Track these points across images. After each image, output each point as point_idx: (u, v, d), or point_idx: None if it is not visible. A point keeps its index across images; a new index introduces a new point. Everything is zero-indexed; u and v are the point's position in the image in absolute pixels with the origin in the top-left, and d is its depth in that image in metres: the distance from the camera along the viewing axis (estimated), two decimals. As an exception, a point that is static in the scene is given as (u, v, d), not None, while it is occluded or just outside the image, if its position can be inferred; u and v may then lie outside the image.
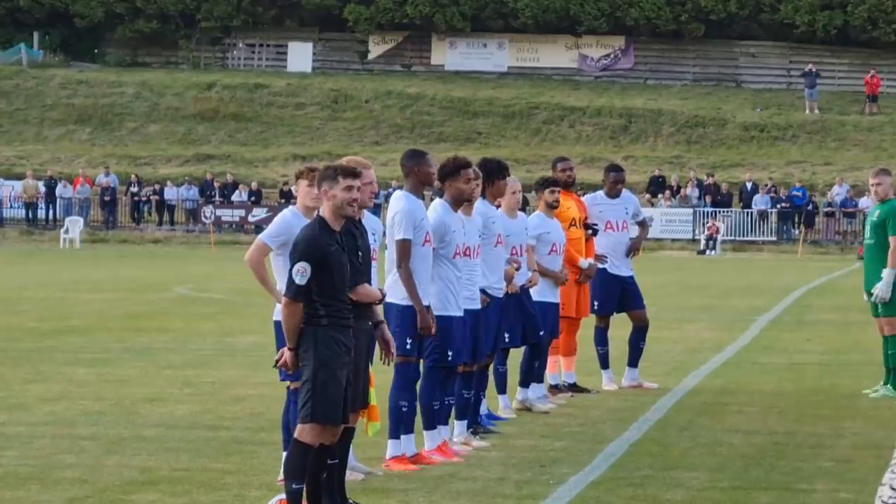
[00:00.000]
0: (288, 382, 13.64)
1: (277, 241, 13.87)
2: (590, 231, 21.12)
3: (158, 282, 43.22)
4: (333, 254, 12.55)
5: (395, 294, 15.23)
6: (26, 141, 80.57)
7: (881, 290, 20.13)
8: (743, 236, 70.94)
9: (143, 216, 74.41)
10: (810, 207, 71.16)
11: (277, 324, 14.04)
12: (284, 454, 12.85)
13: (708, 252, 67.12)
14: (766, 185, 73.21)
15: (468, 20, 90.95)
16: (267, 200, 72.50)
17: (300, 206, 13.89)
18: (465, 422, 16.86)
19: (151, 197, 74.19)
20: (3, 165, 76.31)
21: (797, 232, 70.61)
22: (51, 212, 72.46)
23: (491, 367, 18.51)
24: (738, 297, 39.27)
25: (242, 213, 72.81)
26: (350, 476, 13.89)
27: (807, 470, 15.58)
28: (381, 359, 13.84)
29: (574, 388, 21.03)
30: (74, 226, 67.17)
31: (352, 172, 12.83)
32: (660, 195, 71.55)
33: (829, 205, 71.80)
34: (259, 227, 68.05)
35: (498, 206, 18.01)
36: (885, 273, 19.98)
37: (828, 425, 18.57)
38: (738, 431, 17.90)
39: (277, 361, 12.77)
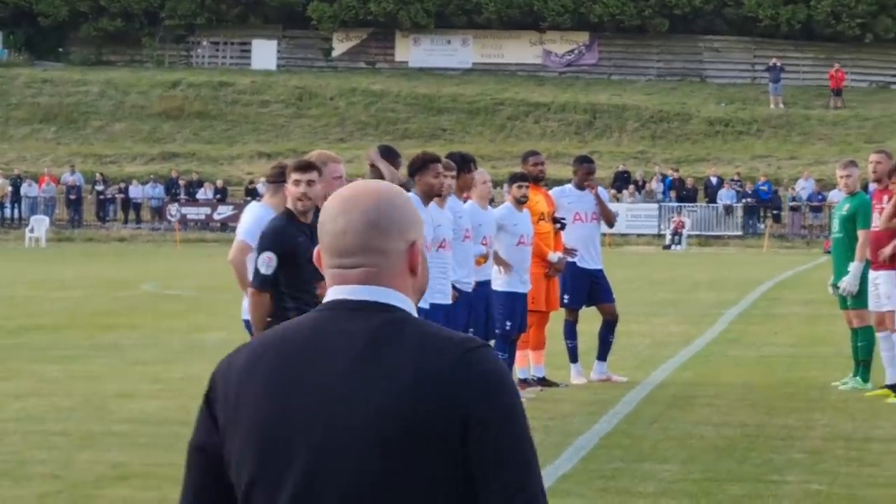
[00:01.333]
0: None
1: (256, 236, 13.87)
2: (558, 225, 21.12)
3: (125, 279, 43.14)
4: (301, 245, 12.57)
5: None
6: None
7: (848, 283, 20.15)
8: (708, 231, 71.10)
9: (108, 214, 74.26)
10: (776, 202, 71.60)
11: (247, 322, 14.05)
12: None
13: (673, 247, 67.27)
14: (732, 180, 73.40)
15: (432, 17, 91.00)
16: (232, 198, 72.39)
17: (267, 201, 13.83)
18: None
19: (117, 195, 74.10)
20: (-29, 165, 76.28)
21: (763, 226, 70.76)
22: (16, 211, 72.36)
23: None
24: (704, 291, 39.37)
25: (208, 210, 72.74)
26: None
27: (778, 461, 15.60)
28: None
29: (543, 381, 21.04)
30: (40, 224, 67.00)
31: (300, 167, 12.88)
32: (625, 190, 71.65)
33: (795, 199, 72.03)
34: (224, 225, 68.45)
35: (466, 200, 18.03)
36: (853, 266, 20.00)
37: (798, 417, 18.59)
38: (708, 424, 17.92)
39: None
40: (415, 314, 4.03)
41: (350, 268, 4.01)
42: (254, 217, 14.34)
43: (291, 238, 12.58)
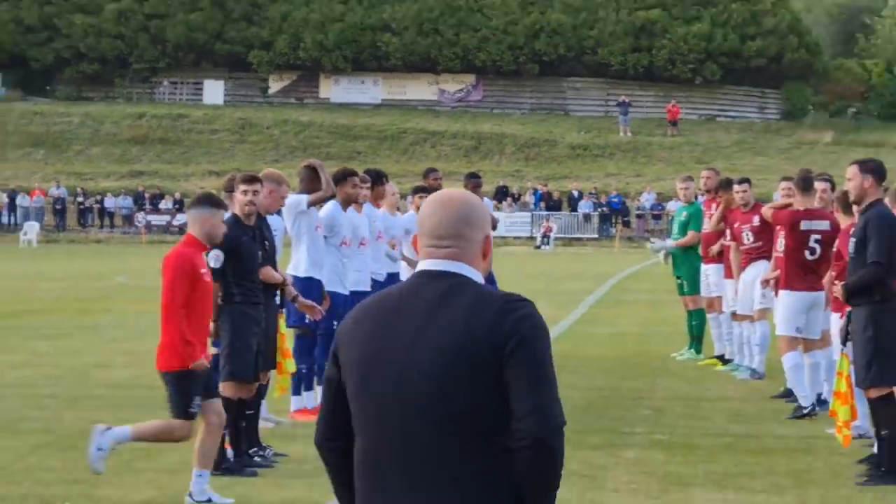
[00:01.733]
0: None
1: None
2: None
3: (101, 273, 42.85)
4: (245, 243, 12.65)
5: (297, 268, 15.29)
6: (-10, 161, 79.87)
7: (659, 245, 20.58)
8: (571, 234, 71.18)
9: (87, 221, 73.61)
10: (625, 210, 71.97)
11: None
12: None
13: (543, 247, 67.34)
14: (590, 193, 73.64)
15: (349, 62, 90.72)
16: (188, 209, 72.08)
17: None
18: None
19: (94, 205, 73.55)
20: (-27, 181, 75.64)
21: (614, 230, 70.96)
22: (12, 218, 71.74)
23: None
24: (568, 282, 39.48)
25: (168, 218, 72.24)
26: (263, 425, 13.86)
27: (629, 417, 15.73)
28: (309, 320, 14.13)
29: (440, 354, 21.05)
30: (32, 229, 66.50)
31: (247, 180, 12.95)
32: (503, 202, 71.56)
33: (640, 208, 72.34)
34: (181, 229, 67.95)
35: (378, 207, 18.05)
36: (670, 242, 20.51)
37: (644, 382, 18.78)
38: (573, 388, 17.93)
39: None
40: (480, 282, 4.73)
41: (440, 248, 4.72)
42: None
43: (237, 238, 12.60)
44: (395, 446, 4.61)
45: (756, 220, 17.66)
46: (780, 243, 16.14)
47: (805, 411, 15.49)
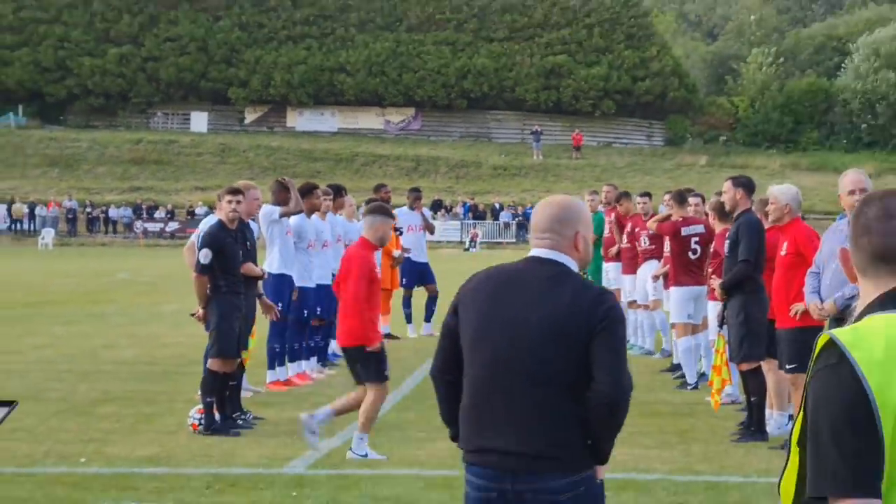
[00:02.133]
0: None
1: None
2: (398, 232, 21.15)
3: (107, 270, 42.64)
4: (229, 244, 12.67)
5: (270, 267, 15.31)
6: (15, 178, 79.04)
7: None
8: (494, 239, 71.26)
9: (95, 228, 73.17)
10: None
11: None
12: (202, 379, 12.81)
13: (471, 249, 67.36)
14: (509, 206, 73.84)
15: (311, 97, 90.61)
16: (178, 217, 71.91)
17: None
18: (315, 358, 16.86)
19: (100, 215, 73.16)
20: (0, 194, 75.05)
21: (529, 236, 71.03)
22: (32, 225, 71.29)
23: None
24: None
25: (162, 225, 71.95)
26: (244, 394, 13.84)
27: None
28: (263, 314, 14.02)
29: (388, 336, 21.03)
30: (48, 234, 66.15)
31: (231, 191, 12.96)
32: (438, 212, 71.64)
33: (550, 218, 72.54)
34: (172, 235, 67.94)
35: (339, 215, 18.06)
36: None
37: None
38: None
39: (194, 314, 12.94)
40: (575, 270, 5.09)
41: (542, 239, 5.08)
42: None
43: (222, 240, 12.63)
44: (499, 386, 4.93)
45: (652, 228, 17.77)
46: (667, 247, 16.44)
47: (690, 386, 15.65)
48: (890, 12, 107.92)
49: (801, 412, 3.09)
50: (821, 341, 3.07)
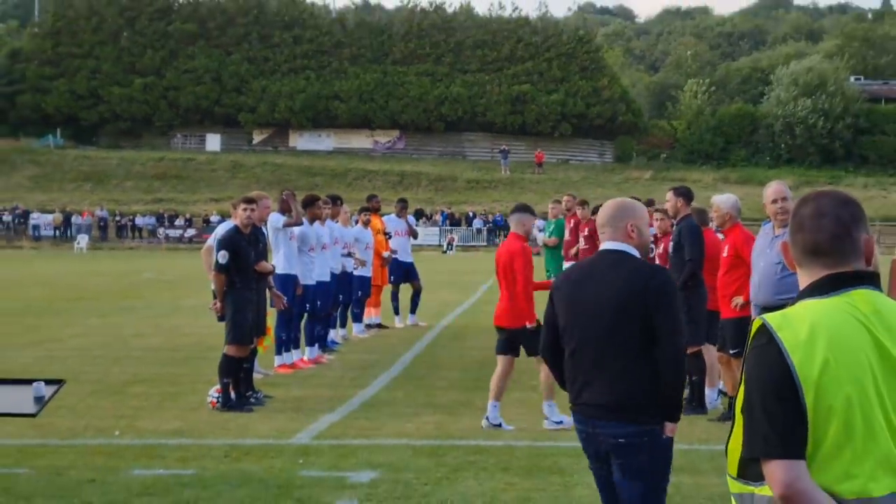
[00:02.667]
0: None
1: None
2: (387, 236, 21.15)
3: (134, 271, 42.47)
4: (243, 247, 12.63)
5: (277, 268, 15.30)
6: (53, 191, 78.72)
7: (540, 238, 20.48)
8: (468, 243, 71.18)
9: (123, 234, 72.78)
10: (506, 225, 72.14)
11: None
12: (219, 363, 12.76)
13: (448, 252, 67.37)
14: (481, 214, 73.78)
15: (310, 121, 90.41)
16: (195, 225, 71.53)
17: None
18: (317, 346, 16.81)
19: (127, 223, 72.69)
20: (42, 205, 74.69)
21: (499, 240, 70.94)
22: (69, 232, 70.87)
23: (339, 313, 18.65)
24: (468, 276, 39.62)
25: (181, 231, 71.49)
26: (256, 375, 13.78)
27: (515, 370, 15.62)
28: (272, 305, 14.00)
29: (379, 326, 21.05)
30: (83, 240, 65.69)
31: (246, 200, 12.93)
32: (420, 220, 71.63)
33: (516, 225, 72.30)
34: (190, 240, 67.59)
35: (336, 221, 18.03)
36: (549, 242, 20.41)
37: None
38: (474, 348, 17.99)
39: (213, 306, 12.90)
40: (635, 254, 5.42)
41: (604, 234, 5.47)
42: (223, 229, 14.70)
43: (237, 243, 12.60)
44: (586, 355, 5.39)
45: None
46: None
47: None
48: (806, 48, 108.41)
49: (742, 387, 3.10)
50: (755, 325, 3.10)
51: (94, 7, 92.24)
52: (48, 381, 5.63)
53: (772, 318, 3.06)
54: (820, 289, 3.13)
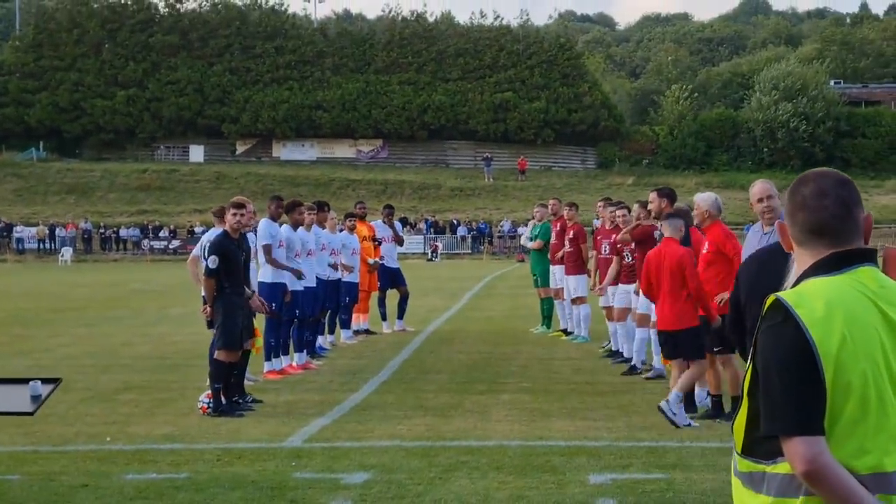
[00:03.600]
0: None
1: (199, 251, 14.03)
2: (377, 242, 21.16)
3: (120, 282, 42.31)
4: (232, 251, 12.61)
5: (266, 276, 15.31)
6: (37, 204, 78.42)
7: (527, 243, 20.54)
8: (452, 250, 71.18)
9: (108, 246, 72.55)
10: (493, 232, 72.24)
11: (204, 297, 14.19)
12: (210, 369, 12.73)
13: (433, 259, 67.40)
14: (465, 222, 73.78)
15: (293, 131, 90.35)
16: (180, 235, 71.34)
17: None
18: (304, 352, 16.78)
19: (112, 235, 72.44)
20: (25, 218, 74.46)
21: (483, 247, 71.10)
22: (53, 244, 70.62)
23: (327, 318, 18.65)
24: (453, 283, 39.60)
25: (165, 243, 71.36)
26: (246, 382, 13.75)
27: (502, 372, 15.73)
28: (254, 310, 14.00)
29: (367, 332, 21.04)
30: (67, 252, 65.47)
31: (236, 205, 12.92)
32: (405, 227, 71.49)
33: (500, 232, 72.46)
34: (175, 251, 67.51)
35: (323, 228, 18.01)
36: (533, 245, 20.37)
37: (511, 348, 18.77)
38: (461, 352, 18.03)
39: (203, 311, 12.91)
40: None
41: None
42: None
43: (227, 247, 12.59)
44: None
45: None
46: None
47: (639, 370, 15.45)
48: (786, 52, 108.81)
49: (751, 366, 3.11)
50: (768, 302, 3.09)
51: (75, 19, 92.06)
52: (44, 381, 5.63)
53: (787, 296, 3.07)
54: (826, 267, 3.13)
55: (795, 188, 3.26)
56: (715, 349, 11.49)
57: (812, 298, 3.03)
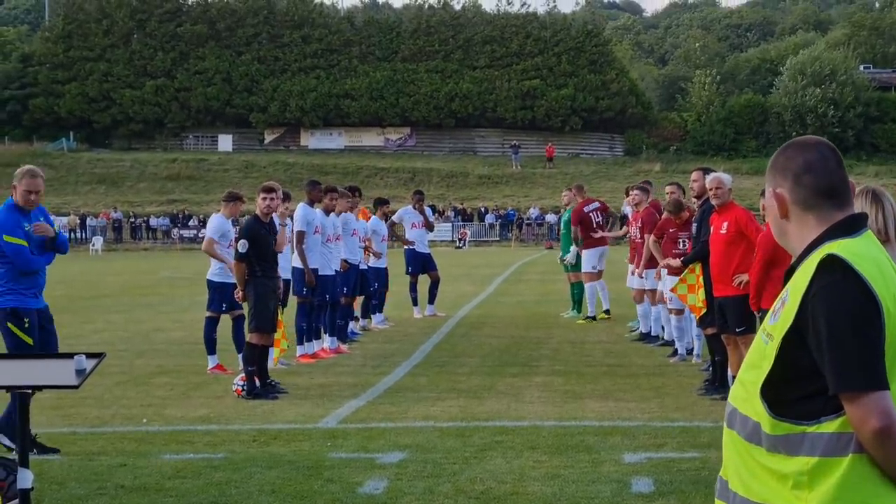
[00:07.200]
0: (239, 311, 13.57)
1: (215, 231, 14.27)
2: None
3: (150, 270, 42.52)
4: (263, 235, 12.67)
5: (297, 261, 15.38)
6: (68, 194, 78.79)
7: (570, 257, 20.40)
8: (481, 238, 71.20)
9: (138, 235, 72.90)
10: (520, 220, 72.13)
11: (209, 281, 14.28)
12: (241, 353, 12.81)
13: (461, 247, 67.41)
14: (493, 209, 73.74)
15: (321, 119, 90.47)
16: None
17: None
18: (336, 336, 16.81)
19: (142, 224, 72.87)
20: (56, 208, 74.80)
21: (511, 234, 71.05)
22: (84, 234, 71.04)
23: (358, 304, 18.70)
24: (482, 269, 39.60)
25: (195, 232, 71.52)
26: (280, 367, 13.82)
27: (535, 356, 15.75)
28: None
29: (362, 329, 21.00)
30: (98, 241, 65.85)
31: (266, 189, 13.00)
32: (433, 216, 71.54)
33: (528, 219, 72.38)
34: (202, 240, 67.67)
35: (354, 213, 18.05)
36: (573, 249, 20.27)
37: (542, 332, 18.78)
38: (493, 337, 18.05)
39: (235, 294, 13.00)
40: None
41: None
42: (214, 221, 14.89)
43: (257, 231, 12.64)
44: None
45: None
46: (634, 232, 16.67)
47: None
48: (815, 38, 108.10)
49: (814, 322, 2.98)
50: (818, 258, 3.01)
51: (104, 10, 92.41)
52: (89, 355, 5.68)
53: (843, 252, 3.01)
54: (844, 229, 3.08)
55: (793, 154, 3.19)
56: (737, 329, 11.40)
57: (861, 256, 3.00)
